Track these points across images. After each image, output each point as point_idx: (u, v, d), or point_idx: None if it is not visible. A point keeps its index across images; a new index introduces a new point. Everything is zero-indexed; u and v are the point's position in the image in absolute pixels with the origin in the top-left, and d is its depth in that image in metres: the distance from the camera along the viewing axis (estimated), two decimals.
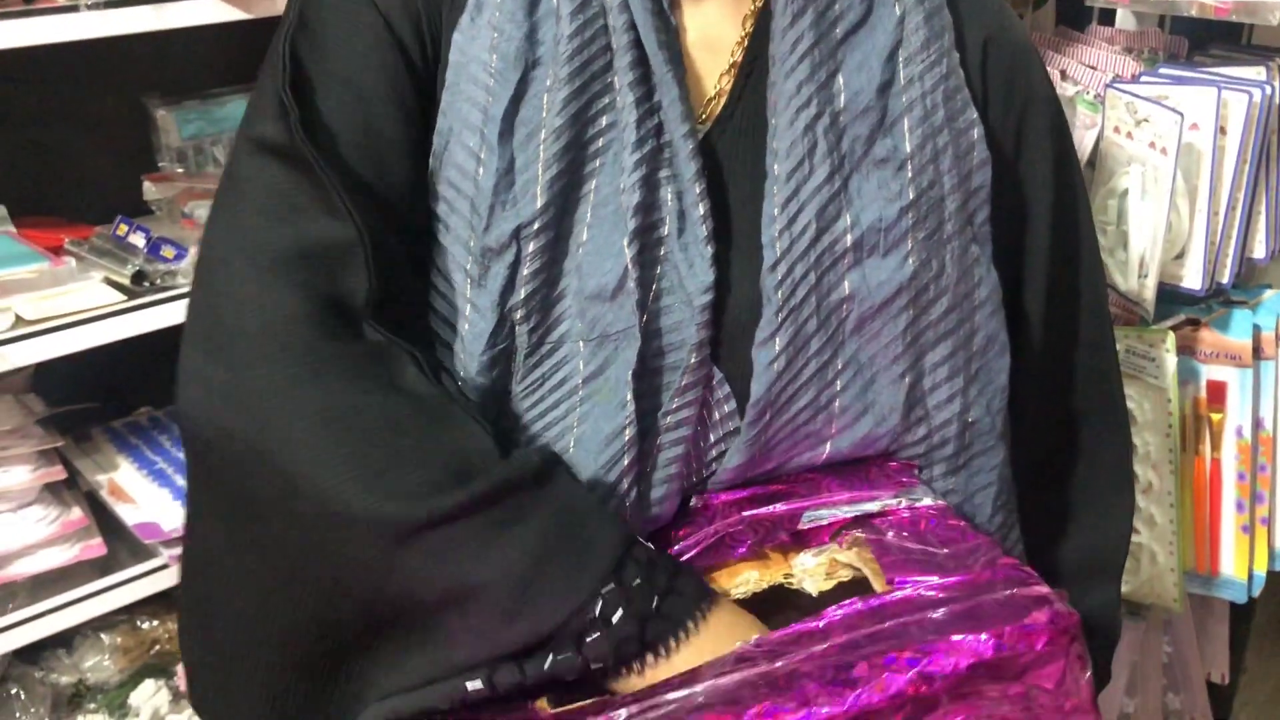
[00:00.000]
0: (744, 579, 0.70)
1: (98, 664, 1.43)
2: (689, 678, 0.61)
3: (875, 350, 0.74)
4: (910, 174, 0.73)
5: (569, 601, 0.64)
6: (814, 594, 0.70)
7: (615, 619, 0.64)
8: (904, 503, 0.73)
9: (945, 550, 0.68)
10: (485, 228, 0.69)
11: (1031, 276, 0.85)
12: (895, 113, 0.74)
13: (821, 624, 0.62)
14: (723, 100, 0.76)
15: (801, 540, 0.72)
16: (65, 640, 1.42)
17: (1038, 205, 0.84)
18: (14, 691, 1.37)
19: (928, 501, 0.73)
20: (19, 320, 1.23)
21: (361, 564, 0.64)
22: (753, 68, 0.75)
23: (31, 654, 1.40)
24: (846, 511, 0.72)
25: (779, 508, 0.72)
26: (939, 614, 0.61)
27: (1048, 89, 0.85)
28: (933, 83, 0.75)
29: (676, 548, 0.72)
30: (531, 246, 0.69)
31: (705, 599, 0.67)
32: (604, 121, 0.71)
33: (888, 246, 0.73)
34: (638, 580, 0.65)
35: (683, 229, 0.71)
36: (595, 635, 0.64)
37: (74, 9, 1.26)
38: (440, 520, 0.63)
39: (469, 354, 0.70)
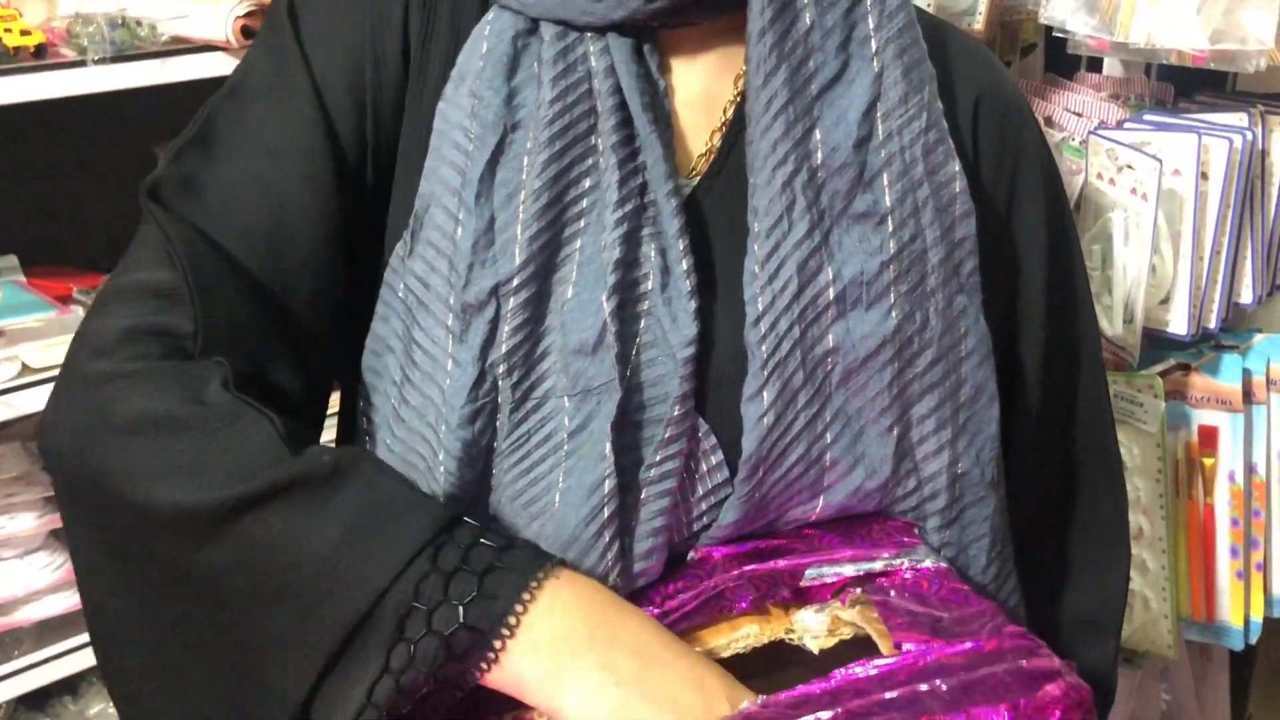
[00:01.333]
0: (744, 633, 0.70)
1: (103, 711, 1.44)
2: None
3: (862, 403, 0.74)
4: (891, 228, 0.74)
5: (373, 582, 0.63)
6: (815, 651, 0.69)
7: (433, 604, 0.62)
8: (906, 563, 0.72)
9: (949, 614, 0.68)
10: (464, 285, 0.71)
11: (1027, 327, 0.85)
12: (874, 168, 0.74)
13: (831, 684, 0.62)
14: (711, 157, 0.77)
15: (803, 597, 0.71)
16: (71, 686, 1.43)
17: (1031, 257, 0.85)
18: None
19: (929, 563, 0.73)
20: (25, 368, 1.26)
21: (173, 561, 0.67)
22: (741, 125, 0.76)
23: (38, 700, 1.41)
24: (849, 570, 0.71)
25: (780, 563, 0.72)
26: (951, 683, 0.61)
27: (1040, 143, 0.86)
28: (911, 137, 0.74)
29: (674, 601, 0.71)
30: (511, 303, 0.71)
31: (539, 568, 0.65)
32: (586, 183, 0.73)
33: (870, 300, 0.73)
34: (457, 560, 0.64)
35: (666, 284, 0.72)
36: (417, 625, 0.62)
37: (82, 64, 1.29)
38: (243, 506, 0.64)
39: (450, 407, 0.71)
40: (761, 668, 0.68)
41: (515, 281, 0.71)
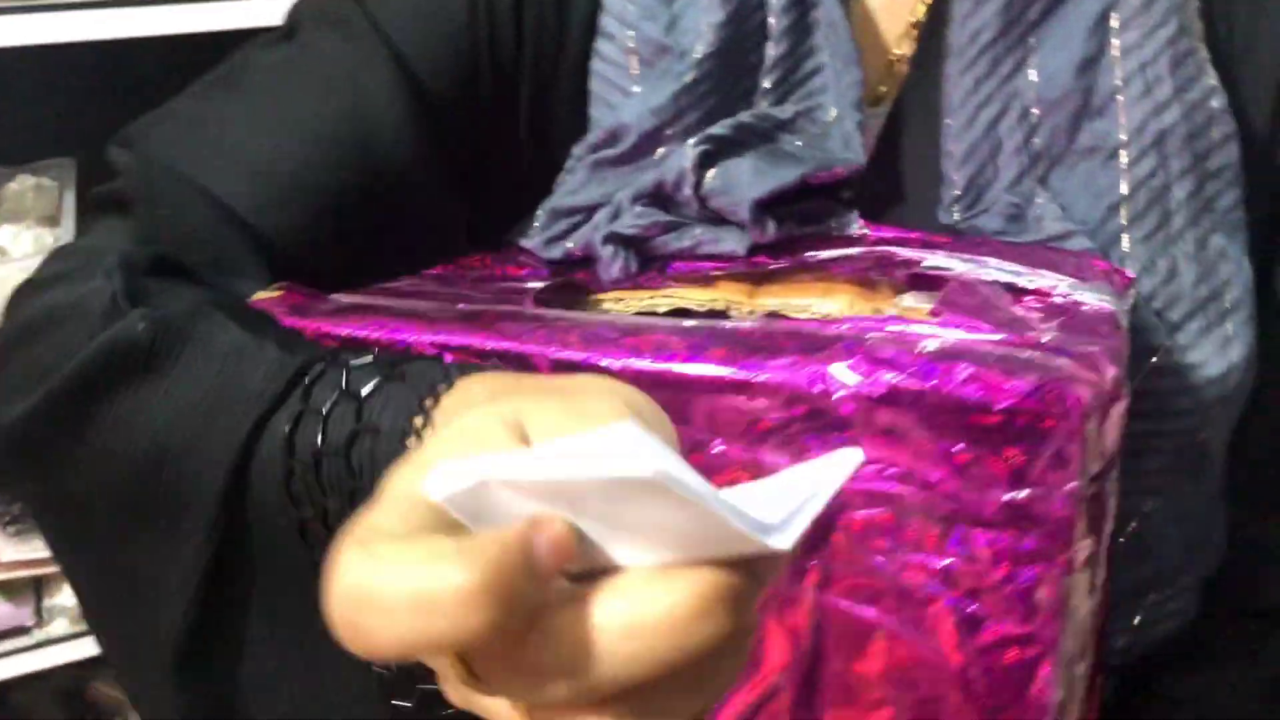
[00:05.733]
0: (835, 303, 0.59)
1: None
2: None
3: None
4: (1125, 162, 0.63)
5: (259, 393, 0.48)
6: None
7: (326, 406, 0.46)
8: (1065, 288, 0.58)
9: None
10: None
11: None
12: (1105, 91, 0.63)
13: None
14: (898, 82, 0.67)
15: (919, 285, 0.59)
16: None
17: None
18: None
19: (1095, 300, 0.57)
20: None
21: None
22: (926, 55, 0.66)
23: None
24: (987, 273, 0.58)
25: (923, 255, 0.60)
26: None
27: None
28: (1155, 48, 0.63)
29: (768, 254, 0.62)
30: None
31: (451, 373, 0.45)
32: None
33: (1098, 250, 0.63)
34: (346, 370, 0.47)
35: None
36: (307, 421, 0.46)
37: None
38: (40, 416, 0.52)
39: None
40: None
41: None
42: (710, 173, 0.61)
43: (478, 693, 0.32)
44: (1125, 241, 0.63)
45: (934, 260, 0.60)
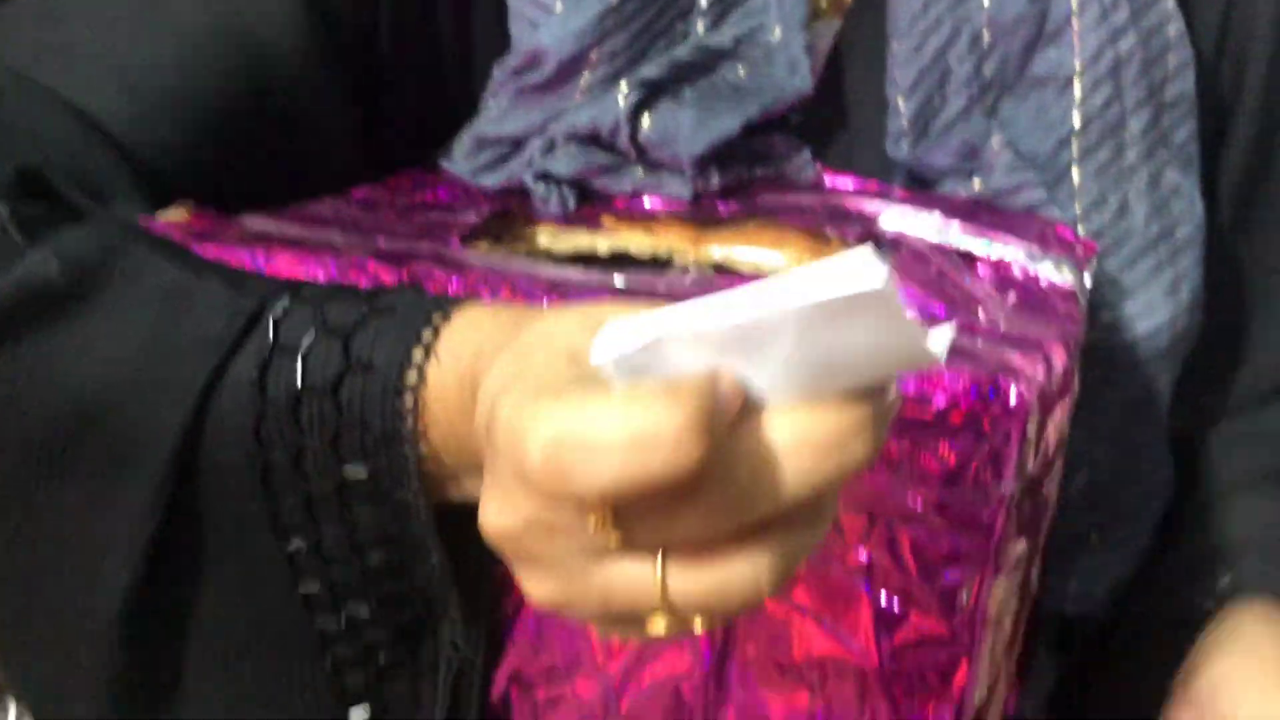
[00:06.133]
0: (785, 255, 0.55)
1: None
2: None
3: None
4: (1079, 94, 0.60)
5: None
6: None
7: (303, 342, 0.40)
8: (1024, 259, 0.55)
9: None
10: None
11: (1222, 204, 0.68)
12: (1060, 16, 0.60)
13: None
14: (831, 9, 0.63)
15: (873, 244, 0.55)
16: None
17: (1241, 115, 0.66)
18: None
19: (1054, 274, 0.54)
20: None
21: None
22: None
23: None
24: (945, 237, 0.55)
25: (878, 207, 0.57)
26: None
27: None
28: None
29: (724, 199, 0.58)
30: None
31: (446, 305, 0.41)
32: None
33: (1047, 185, 0.60)
34: (319, 307, 0.41)
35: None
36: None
37: None
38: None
39: None
40: None
41: None
42: (647, 122, 0.57)
43: (615, 559, 0.32)
44: (1075, 175, 0.60)
45: (890, 216, 0.57)
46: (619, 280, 0.50)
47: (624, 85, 0.57)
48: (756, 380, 0.30)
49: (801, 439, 0.30)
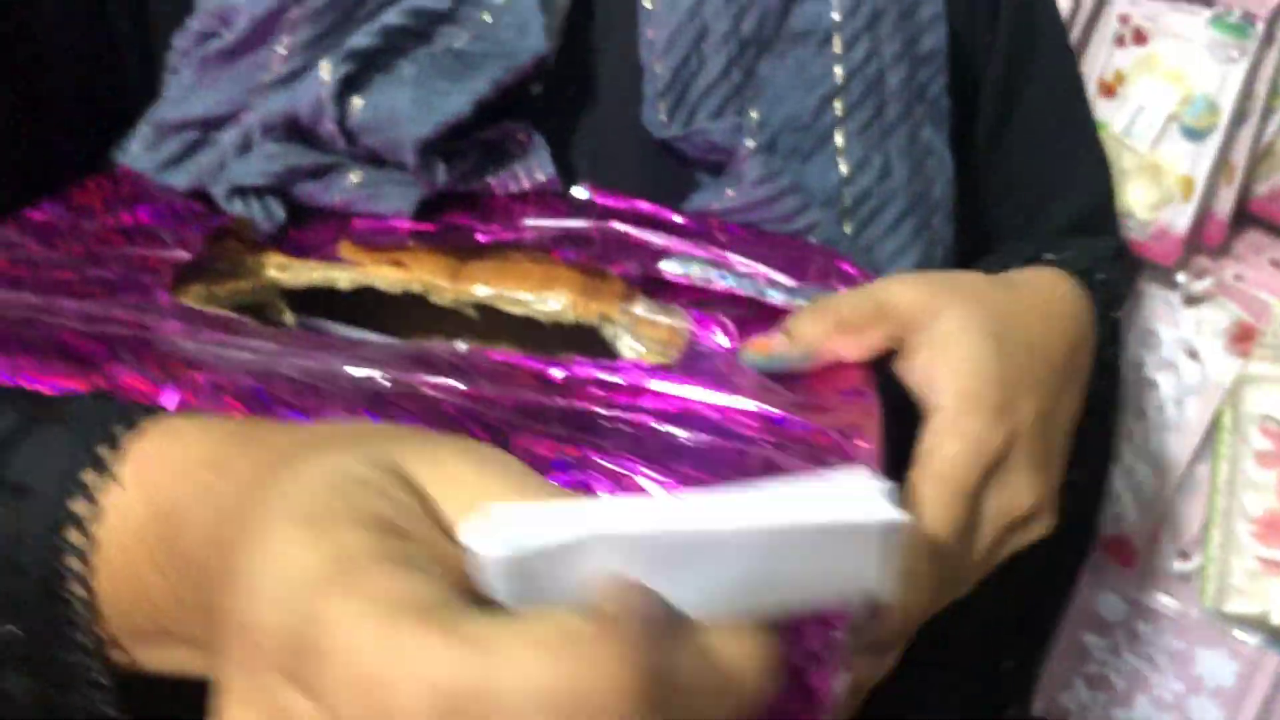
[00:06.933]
0: (557, 299, 0.51)
1: None
2: None
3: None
4: (839, 48, 0.57)
5: None
6: (626, 355, 0.51)
7: None
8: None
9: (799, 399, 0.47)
10: None
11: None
12: None
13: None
14: None
15: (654, 291, 0.52)
16: None
17: (988, 66, 0.66)
18: None
19: None
20: None
21: None
22: None
23: None
24: (737, 284, 0.52)
25: (656, 239, 0.53)
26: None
27: None
28: None
29: (485, 229, 0.52)
30: None
31: (133, 413, 0.34)
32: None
33: (810, 148, 0.57)
34: None
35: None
36: None
37: None
38: None
39: None
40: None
41: None
42: (358, 103, 0.49)
43: None
44: (839, 137, 0.57)
45: (671, 256, 0.51)
46: (383, 378, 0.41)
47: (326, 61, 0.48)
48: (677, 593, 0.26)
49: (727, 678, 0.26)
